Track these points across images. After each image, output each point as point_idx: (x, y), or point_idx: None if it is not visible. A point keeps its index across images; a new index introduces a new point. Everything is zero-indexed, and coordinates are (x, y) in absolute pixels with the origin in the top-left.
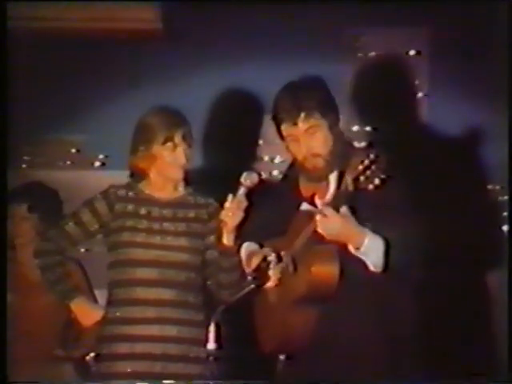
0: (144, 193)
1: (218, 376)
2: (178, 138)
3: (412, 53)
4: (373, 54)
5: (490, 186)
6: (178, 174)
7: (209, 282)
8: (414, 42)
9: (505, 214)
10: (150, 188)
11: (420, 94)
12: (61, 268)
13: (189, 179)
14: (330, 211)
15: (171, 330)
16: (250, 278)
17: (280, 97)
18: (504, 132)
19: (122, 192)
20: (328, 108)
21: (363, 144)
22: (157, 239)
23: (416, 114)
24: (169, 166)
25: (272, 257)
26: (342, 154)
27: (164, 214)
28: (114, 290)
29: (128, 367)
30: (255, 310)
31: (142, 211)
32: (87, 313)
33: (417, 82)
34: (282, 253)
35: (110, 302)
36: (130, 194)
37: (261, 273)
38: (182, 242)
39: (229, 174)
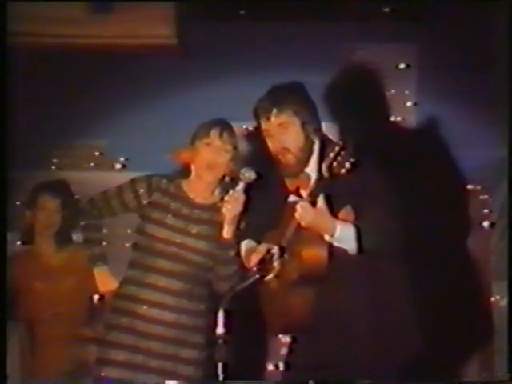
0: (183, 191)
1: (224, 358)
2: (214, 134)
3: (402, 66)
4: (367, 66)
5: (470, 186)
6: (209, 176)
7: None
8: (404, 56)
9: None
10: (190, 188)
11: (409, 103)
12: (98, 233)
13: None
14: (305, 204)
15: (169, 316)
16: (254, 269)
17: (261, 96)
18: (483, 135)
19: (164, 184)
20: (301, 107)
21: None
22: (178, 238)
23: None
24: (204, 164)
25: (275, 249)
26: (313, 151)
27: (192, 215)
28: (130, 269)
29: (128, 340)
30: (256, 297)
31: (173, 207)
32: (105, 281)
33: (406, 92)
34: (278, 244)
35: (126, 279)
36: (171, 189)
37: (264, 264)
38: (201, 245)
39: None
